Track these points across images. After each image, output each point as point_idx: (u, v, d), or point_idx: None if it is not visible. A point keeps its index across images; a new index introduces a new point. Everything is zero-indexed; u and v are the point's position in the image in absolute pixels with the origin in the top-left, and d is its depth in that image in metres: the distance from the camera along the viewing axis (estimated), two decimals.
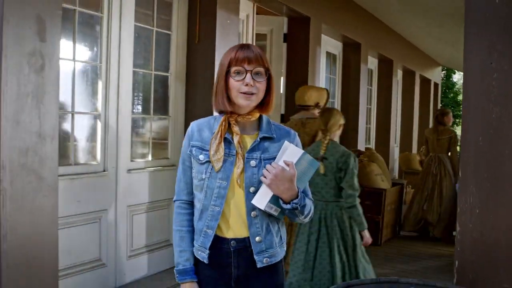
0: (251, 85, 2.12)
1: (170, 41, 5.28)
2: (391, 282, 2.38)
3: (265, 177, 2.12)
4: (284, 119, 7.35)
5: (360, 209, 4.13)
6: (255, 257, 2.19)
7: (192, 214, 2.31)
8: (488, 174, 2.52)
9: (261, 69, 2.15)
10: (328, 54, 8.84)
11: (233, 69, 2.14)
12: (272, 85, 2.22)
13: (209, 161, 2.18)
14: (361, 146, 9.25)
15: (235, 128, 2.19)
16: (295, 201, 2.13)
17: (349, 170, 4.10)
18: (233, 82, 2.14)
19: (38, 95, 3.48)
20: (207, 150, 2.19)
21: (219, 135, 2.17)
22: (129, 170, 4.83)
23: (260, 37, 7.19)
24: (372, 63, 10.77)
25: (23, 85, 3.37)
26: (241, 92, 2.13)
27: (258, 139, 2.21)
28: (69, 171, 4.25)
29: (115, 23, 4.60)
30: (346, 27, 8.63)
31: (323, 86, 8.09)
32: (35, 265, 3.55)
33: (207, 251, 2.20)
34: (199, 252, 2.23)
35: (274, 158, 2.19)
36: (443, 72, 23.25)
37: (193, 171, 2.25)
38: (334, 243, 4.18)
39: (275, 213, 2.17)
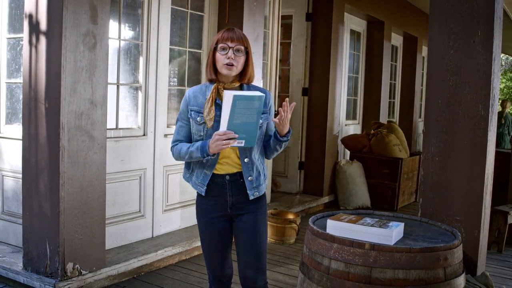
0: (232, 58, 2.70)
1: (202, 22, 5.60)
2: (367, 214, 2.99)
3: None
4: (308, 92, 7.84)
5: None
6: (248, 192, 2.81)
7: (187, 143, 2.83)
8: (446, 129, 3.09)
9: (241, 47, 2.74)
10: (353, 31, 9.05)
11: (219, 45, 2.73)
12: (250, 60, 2.79)
13: (204, 122, 2.75)
14: (382, 119, 9.51)
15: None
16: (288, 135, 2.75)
17: None
18: (219, 56, 2.73)
19: (90, 69, 3.98)
20: (203, 113, 2.76)
21: (210, 100, 2.73)
22: (165, 135, 5.22)
23: (285, 17, 7.56)
24: (397, 40, 10.84)
25: (79, 61, 3.89)
26: (224, 64, 2.71)
27: None
28: (114, 134, 4.69)
29: (155, 6, 4.99)
30: (370, 6, 8.80)
31: (346, 62, 8.61)
32: (86, 210, 4.07)
33: (205, 187, 2.81)
34: (198, 187, 2.84)
35: None
36: None
37: (192, 129, 2.81)
38: None
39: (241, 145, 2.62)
